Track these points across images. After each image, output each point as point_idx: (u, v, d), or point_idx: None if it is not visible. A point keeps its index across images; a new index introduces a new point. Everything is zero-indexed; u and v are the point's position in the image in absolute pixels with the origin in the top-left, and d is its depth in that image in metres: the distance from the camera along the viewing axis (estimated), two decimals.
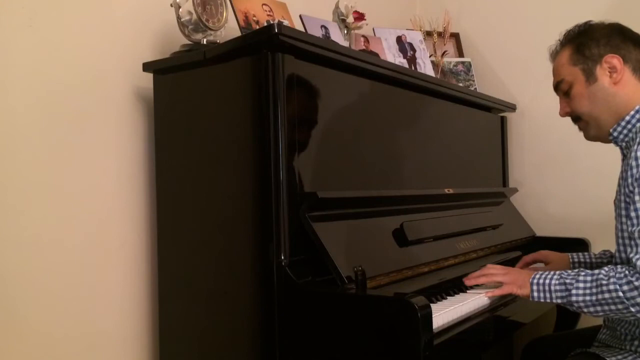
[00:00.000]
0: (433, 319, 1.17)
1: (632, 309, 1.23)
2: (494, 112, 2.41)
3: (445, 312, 1.31)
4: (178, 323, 1.53)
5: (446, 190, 1.85)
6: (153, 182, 1.61)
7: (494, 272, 1.51)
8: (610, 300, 1.25)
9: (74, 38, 1.47)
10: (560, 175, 2.43)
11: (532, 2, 2.50)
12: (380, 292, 1.30)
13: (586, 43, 1.45)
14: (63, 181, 1.44)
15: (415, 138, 1.83)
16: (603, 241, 1.83)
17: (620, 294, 1.23)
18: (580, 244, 2.18)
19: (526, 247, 2.20)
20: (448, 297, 1.48)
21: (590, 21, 1.51)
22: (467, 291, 1.55)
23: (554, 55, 1.54)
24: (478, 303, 1.45)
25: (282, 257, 1.30)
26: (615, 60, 1.41)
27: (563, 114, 1.53)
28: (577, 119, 1.51)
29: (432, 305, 1.23)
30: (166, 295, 1.56)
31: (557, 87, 1.53)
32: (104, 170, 1.53)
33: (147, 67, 1.55)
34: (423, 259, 1.57)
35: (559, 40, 1.53)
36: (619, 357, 1.39)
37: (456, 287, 1.56)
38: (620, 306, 1.24)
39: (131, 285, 1.59)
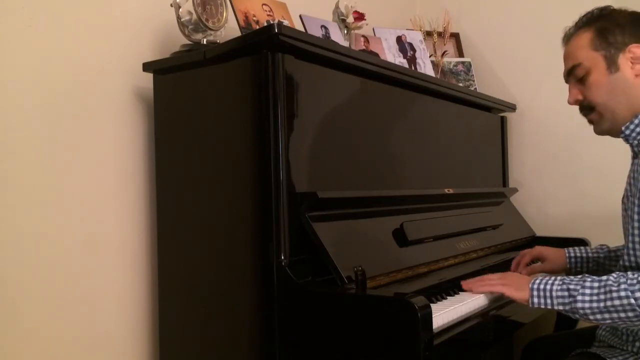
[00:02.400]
0: (433, 319, 1.17)
1: None
2: (494, 112, 2.41)
3: (445, 312, 1.31)
4: (178, 323, 1.53)
5: (446, 190, 1.84)
6: (153, 182, 1.61)
7: (490, 276, 1.48)
8: (620, 308, 1.18)
9: (74, 38, 1.47)
10: (560, 175, 2.42)
11: (532, 2, 2.50)
12: (380, 292, 1.30)
13: (610, 28, 1.36)
14: (63, 181, 1.44)
15: (415, 138, 1.83)
16: (603, 241, 1.83)
17: (632, 300, 1.16)
18: (580, 244, 2.16)
19: (526, 247, 2.18)
20: (448, 297, 1.48)
21: (610, 6, 1.42)
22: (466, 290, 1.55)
23: (569, 38, 1.44)
24: (478, 303, 1.45)
25: (282, 257, 1.30)
26: (639, 50, 1.33)
27: (573, 101, 1.44)
28: (589, 110, 1.42)
29: (432, 305, 1.23)
30: (166, 295, 1.56)
31: (570, 72, 1.43)
32: (104, 170, 1.53)
33: (147, 67, 1.55)
34: (423, 259, 1.57)
35: (576, 22, 1.44)
36: (620, 358, 1.37)
37: (456, 287, 1.56)
38: (630, 314, 1.17)
39: (131, 285, 1.59)
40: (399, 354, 1.15)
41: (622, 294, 1.18)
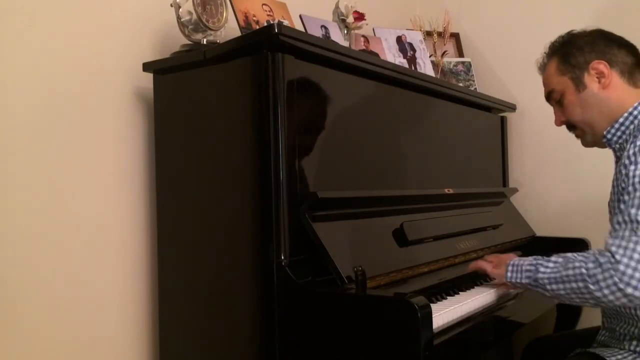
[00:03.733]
0: (433, 319, 1.17)
1: (591, 287, 1.20)
2: (494, 112, 2.41)
3: (445, 312, 1.32)
4: (178, 323, 1.53)
5: (446, 190, 1.84)
6: (153, 182, 1.61)
7: (485, 257, 1.62)
8: (572, 277, 1.24)
9: (74, 38, 1.47)
10: (560, 175, 2.42)
11: (532, 2, 2.50)
12: (380, 292, 1.30)
13: (571, 52, 1.48)
14: (63, 181, 1.44)
15: (416, 138, 1.83)
16: (603, 241, 1.82)
17: (584, 270, 1.22)
18: (580, 244, 2.17)
19: (526, 247, 2.19)
20: (448, 297, 1.48)
21: (572, 31, 1.53)
22: (466, 290, 1.56)
23: (542, 68, 1.57)
24: (478, 303, 1.45)
25: (282, 257, 1.30)
26: (601, 65, 1.43)
27: (559, 123, 1.55)
28: (572, 127, 1.53)
29: (432, 305, 1.23)
30: (166, 295, 1.56)
31: (548, 98, 1.56)
32: (104, 170, 1.53)
33: (147, 67, 1.55)
34: (423, 259, 1.57)
35: (545, 52, 1.56)
36: (619, 357, 1.39)
37: (456, 287, 1.56)
38: (580, 284, 1.22)
39: (131, 285, 1.59)
40: (399, 354, 1.15)
41: (577, 264, 1.25)
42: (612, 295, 1.18)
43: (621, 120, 1.42)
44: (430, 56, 2.31)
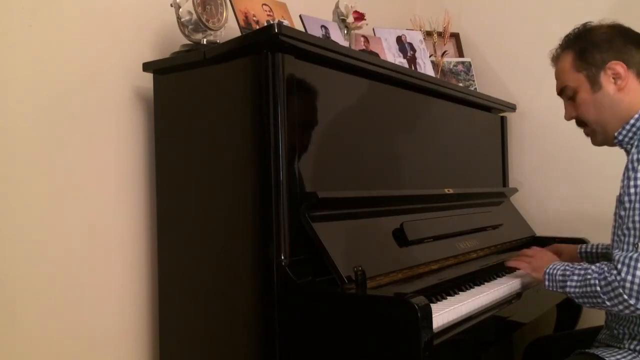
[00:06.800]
0: (433, 318, 1.17)
1: (608, 303, 1.29)
2: (494, 112, 2.41)
3: (445, 312, 1.31)
4: (178, 323, 1.53)
5: (446, 190, 1.84)
6: (153, 182, 1.61)
7: (526, 252, 1.70)
8: (591, 294, 1.33)
9: (73, 38, 1.47)
10: (560, 175, 2.43)
11: (532, 2, 2.50)
12: (380, 292, 1.30)
13: (588, 48, 1.42)
14: (63, 181, 1.44)
15: (415, 138, 1.83)
16: (603, 241, 1.83)
17: (598, 288, 1.31)
18: (579, 244, 2.17)
19: (526, 247, 2.19)
20: (448, 297, 1.48)
21: (589, 23, 1.48)
22: (466, 290, 1.56)
23: (555, 60, 1.52)
24: (478, 303, 1.45)
25: (282, 257, 1.30)
26: (619, 67, 1.39)
27: (569, 118, 1.51)
28: (582, 124, 1.50)
29: (432, 305, 1.23)
30: (166, 295, 1.56)
31: (561, 92, 1.52)
32: (104, 170, 1.53)
33: (147, 67, 1.55)
34: (423, 259, 1.57)
35: (560, 44, 1.51)
36: (618, 356, 1.40)
37: (456, 287, 1.56)
38: (599, 299, 1.31)
39: (131, 285, 1.59)
40: (399, 354, 1.15)
41: (592, 282, 1.33)
42: (627, 309, 1.27)
43: (632, 121, 1.39)
44: (430, 56, 2.31)
